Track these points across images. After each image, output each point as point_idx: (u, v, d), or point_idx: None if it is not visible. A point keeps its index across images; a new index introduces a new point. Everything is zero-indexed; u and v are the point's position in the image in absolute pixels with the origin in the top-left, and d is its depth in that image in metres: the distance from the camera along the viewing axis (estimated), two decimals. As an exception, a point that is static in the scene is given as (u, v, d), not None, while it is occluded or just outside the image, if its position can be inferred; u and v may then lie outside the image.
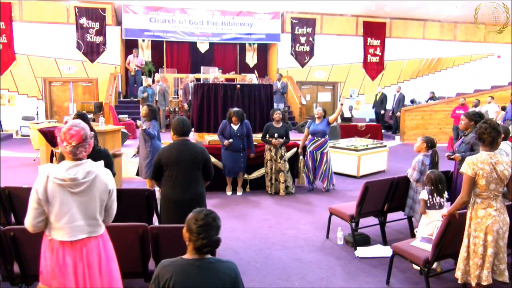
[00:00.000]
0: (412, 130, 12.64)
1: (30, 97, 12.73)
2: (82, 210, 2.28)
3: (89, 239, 2.32)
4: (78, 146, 2.27)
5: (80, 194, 2.25)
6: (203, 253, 1.99)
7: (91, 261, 2.30)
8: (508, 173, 2.94)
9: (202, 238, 1.94)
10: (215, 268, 1.98)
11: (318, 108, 6.82)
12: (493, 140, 2.93)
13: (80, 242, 2.29)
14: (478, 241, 2.96)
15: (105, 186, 2.34)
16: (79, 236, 2.28)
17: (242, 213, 5.72)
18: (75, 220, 2.26)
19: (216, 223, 2.00)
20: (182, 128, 3.62)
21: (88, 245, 2.30)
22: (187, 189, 3.57)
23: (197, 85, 7.87)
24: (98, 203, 2.32)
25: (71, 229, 2.26)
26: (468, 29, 15.58)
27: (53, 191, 2.23)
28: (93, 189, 2.29)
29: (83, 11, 12.77)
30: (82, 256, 2.28)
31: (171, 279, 1.92)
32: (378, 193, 4.48)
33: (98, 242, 2.35)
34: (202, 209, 2.03)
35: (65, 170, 2.24)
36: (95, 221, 2.33)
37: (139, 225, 3.01)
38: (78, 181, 2.23)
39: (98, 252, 2.34)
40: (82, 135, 2.27)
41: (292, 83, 13.48)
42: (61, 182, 2.22)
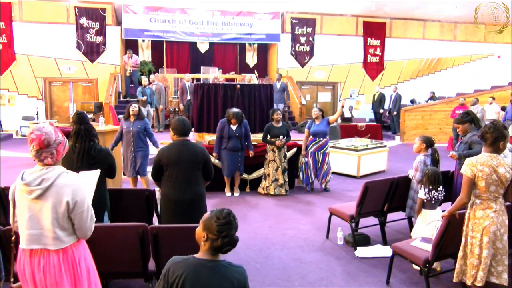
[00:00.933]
0: (412, 130, 12.64)
1: (30, 97, 12.72)
2: (37, 219, 2.15)
3: (48, 252, 2.16)
4: (41, 151, 2.15)
5: (34, 201, 2.14)
6: (221, 253, 1.98)
7: (46, 275, 2.15)
8: (509, 176, 2.91)
9: (223, 237, 1.92)
10: (227, 271, 1.97)
11: (314, 109, 6.81)
12: (494, 140, 2.90)
13: (38, 252, 2.16)
14: (474, 241, 2.97)
15: (60, 196, 2.13)
16: (33, 246, 2.16)
17: (242, 213, 5.72)
18: (31, 227, 2.15)
19: (236, 223, 2.00)
20: (183, 128, 3.62)
21: (46, 258, 2.16)
22: (187, 189, 3.57)
23: (197, 85, 7.87)
24: (53, 215, 2.13)
25: (27, 236, 2.17)
26: (468, 29, 15.58)
27: (17, 194, 2.20)
28: (48, 199, 2.13)
29: (83, 11, 12.76)
30: (39, 268, 2.16)
31: (181, 276, 1.89)
32: (378, 193, 4.48)
33: (58, 257, 2.17)
34: (222, 209, 2.01)
35: (28, 174, 2.17)
36: (51, 234, 2.14)
37: (139, 225, 3.01)
38: (30, 187, 2.12)
39: (58, 268, 2.16)
40: (43, 140, 2.14)
41: (292, 83, 13.47)
42: (19, 186, 2.17)
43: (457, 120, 4.43)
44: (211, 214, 1.99)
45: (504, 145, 2.94)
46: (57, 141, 2.20)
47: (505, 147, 2.98)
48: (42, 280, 2.16)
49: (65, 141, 2.29)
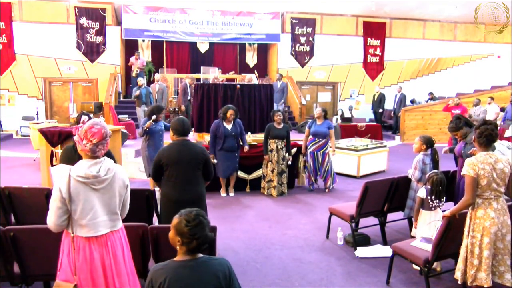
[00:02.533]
0: (412, 130, 12.64)
1: (30, 97, 12.73)
2: (104, 206, 2.35)
3: (112, 233, 2.40)
4: (98, 144, 2.34)
5: (102, 190, 2.33)
6: (198, 252, 1.99)
7: (116, 254, 2.39)
8: (508, 171, 2.96)
9: (197, 238, 1.93)
10: (208, 266, 1.98)
11: (318, 109, 6.80)
12: (487, 142, 2.98)
13: (105, 236, 2.37)
14: (475, 241, 2.97)
15: (123, 181, 2.45)
16: (103, 231, 2.35)
17: (242, 213, 5.72)
18: (98, 216, 2.33)
19: (206, 220, 2.01)
20: (182, 128, 3.62)
21: (111, 239, 2.39)
22: (187, 189, 3.57)
23: (197, 85, 7.88)
24: (118, 198, 2.42)
25: (95, 225, 2.32)
26: (468, 29, 15.58)
27: (76, 189, 2.28)
28: (114, 185, 2.38)
29: (83, 11, 12.77)
30: (108, 250, 2.36)
31: (164, 282, 1.91)
32: (378, 193, 4.48)
33: (120, 235, 2.46)
34: (190, 210, 2.01)
35: (87, 168, 2.31)
36: (115, 216, 2.43)
37: (139, 225, 3.01)
38: (100, 178, 2.31)
39: (121, 245, 2.45)
40: (103, 133, 2.35)
41: (292, 83, 13.47)
42: (84, 179, 2.28)
43: (452, 129, 4.44)
44: (180, 218, 1.99)
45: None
46: (110, 134, 2.45)
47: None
48: (111, 263, 2.36)
49: (111, 133, 2.50)
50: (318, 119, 6.72)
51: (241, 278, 3.73)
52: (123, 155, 7.39)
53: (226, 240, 4.66)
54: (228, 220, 5.38)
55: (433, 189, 3.87)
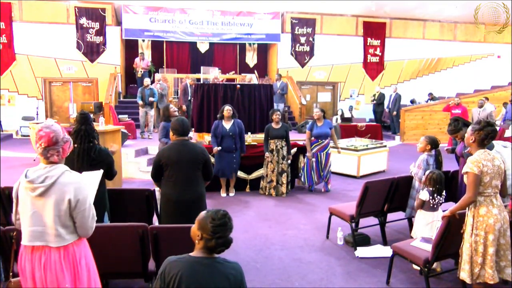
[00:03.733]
0: (412, 130, 12.64)
1: (30, 97, 12.72)
2: (40, 216, 2.18)
3: (49, 249, 2.18)
4: (48, 149, 2.19)
5: (37, 198, 2.17)
6: (215, 253, 1.99)
7: (47, 273, 2.18)
8: (503, 166, 3.02)
9: (217, 238, 1.94)
10: (222, 268, 1.98)
11: (316, 110, 6.79)
12: (481, 141, 3.02)
13: (40, 249, 2.19)
14: (478, 239, 2.98)
15: (62, 194, 2.16)
16: (35, 243, 2.19)
17: (242, 213, 5.73)
18: (33, 224, 2.19)
19: (231, 224, 2.01)
20: (181, 128, 3.62)
21: (46, 255, 2.18)
22: (187, 189, 3.57)
23: (197, 85, 7.88)
24: (55, 212, 2.16)
25: (30, 233, 2.20)
26: (468, 29, 15.58)
27: (20, 191, 2.24)
28: (51, 196, 2.16)
29: (83, 11, 12.77)
30: (40, 265, 2.18)
31: (177, 275, 1.92)
32: (378, 193, 4.48)
33: (59, 254, 2.19)
34: (218, 210, 2.03)
35: (32, 172, 2.21)
36: (53, 231, 2.17)
37: (139, 225, 3.01)
38: (33, 184, 2.16)
39: (59, 265, 2.19)
40: (52, 138, 2.18)
41: (292, 83, 13.47)
42: (23, 183, 2.21)
43: (452, 131, 4.42)
44: (207, 214, 2.00)
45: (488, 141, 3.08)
46: (64, 139, 2.24)
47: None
48: (42, 277, 2.18)
49: (71, 140, 2.33)
50: (318, 120, 6.71)
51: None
52: (123, 155, 7.39)
53: (226, 240, 4.65)
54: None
55: (434, 189, 3.88)
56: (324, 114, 6.79)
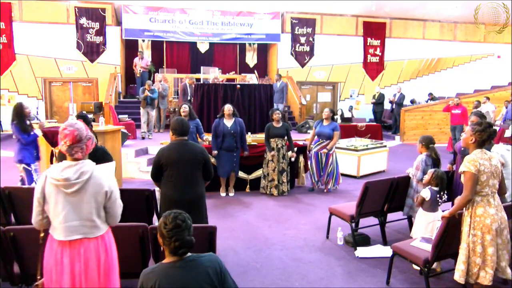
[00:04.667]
0: (412, 130, 12.64)
1: (30, 97, 12.72)
2: (76, 211, 2.27)
3: (88, 240, 2.30)
4: (72, 146, 2.27)
5: (73, 194, 2.25)
6: (179, 254, 1.99)
7: (88, 263, 2.30)
8: (500, 166, 3.04)
9: (174, 241, 1.95)
10: (197, 264, 1.99)
11: (326, 109, 6.73)
12: (483, 142, 3.03)
13: (78, 242, 2.29)
14: (476, 239, 2.98)
15: (100, 187, 2.30)
16: (73, 237, 2.28)
17: (242, 213, 5.72)
18: (68, 220, 2.26)
19: (186, 224, 2.00)
20: (181, 128, 3.61)
21: (85, 246, 2.30)
22: (187, 189, 3.57)
23: (197, 85, 7.89)
24: (93, 204, 2.29)
25: (65, 229, 2.27)
26: (468, 29, 15.58)
27: (49, 190, 2.27)
28: (87, 190, 2.27)
29: (83, 11, 12.77)
30: (80, 256, 2.28)
31: (155, 284, 1.92)
32: (378, 193, 4.48)
33: (97, 243, 2.33)
34: (170, 212, 2.04)
35: (61, 170, 2.26)
36: (90, 223, 2.30)
37: (139, 225, 3.01)
38: (70, 181, 2.23)
39: (96, 254, 2.32)
40: (76, 136, 2.27)
41: (292, 83, 13.47)
42: (55, 182, 2.25)
43: None
44: (161, 219, 2.03)
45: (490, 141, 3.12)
46: (87, 137, 2.34)
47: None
48: (82, 270, 2.28)
49: (93, 137, 2.42)
50: (325, 120, 6.68)
51: (241, 278, 3.73)
52: (123, 155, 7.39)
53: (226, 240, 4.66)
54: (228, 220, 5.38)
55: (440, 187, 3.89)
56: (333, 115, 6.74)
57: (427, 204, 3.93)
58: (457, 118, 10.44)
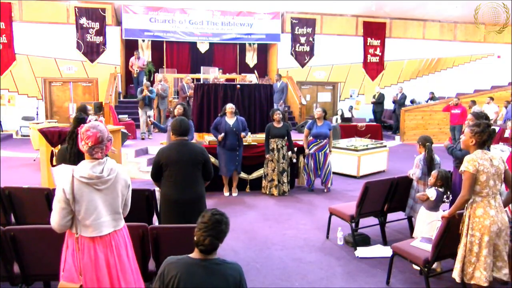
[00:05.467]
0: (412, 130, 12.64)
1: (30, 97, 12.73)
2: (108, 206, 2.38)
3: (115, 232, 2.43)
4: (93, 147, 2.35)
5: (105, 191, 2.36)
6: (204, 253, 2.00)
7: (120, 253, 2.43)
8: (502, 167, 3.01)
9: (200, 235, 1.98)
10: (221, 269, 2.00)
11: (318, 109, 6.80)
12: (483, 142, 3.01)
13: (109, 236, 2.39)
14: (473, 239, 2.98)
15: (125, 181, 2.48)
16: (106, 231, 2.38)
17: (242, 213, 5.73)
18: (101, 216, 2.35)
19: (217, 226, 2.02)
20: (180, 128, 3.61)
21: (115, 238, 2.42)
22: (187, 189, 3.56)
23: (197, 85, 7.88)
24: (121, 198, 2.45)
25: (99, 225, 2.35)
26: (468, 29, 15.58)
27: (80, 189, 2.29)
28: (117, 185, 2.41)
29: (83, 11, 12.77)
30: (112, 249, 2.39)
31: (176, 276, 1.94)
32: (378, 193, 4.48)
33: (123, 233, 2.50)
34: (213, 209, 2.10)
35: (90, 168, 2.32)
36: (118, 215, 2.46)
37: (139, 225, 3.01)
38: (103, 178, 2.33)
39: (124, 243, 2.48)
40: (98, 138, 2.36)
41: (292, 83, 13.47)
42: (87, 180, 2.29)
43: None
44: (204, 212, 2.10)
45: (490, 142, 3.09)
46: (108, 138, 2.44)
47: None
48: (116, 262, 2.39)
49: (112, 138, 2.51)
50: (318, 120, 6.71)
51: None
52: (123, 155, 7.39)
53: (226, 240, 4.62)
54: (228, 220, 5.38)
55: (444, 188, 3.90)
56: (325, 114, 6.79)
57: (431, 204, 3.93)
58: (456, 118, 10.46)
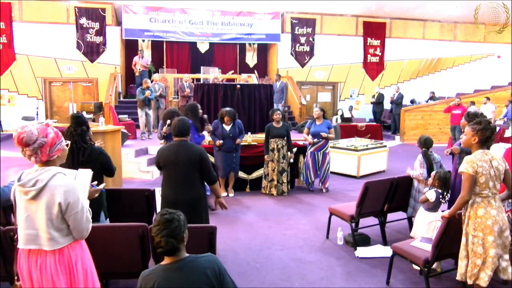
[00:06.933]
0: (412, 130, 12.64)
1: (30, 97, 12.73)
2: (32, 219, 2.15)
3: (44, 252, 2.16)
4: (23, 149, 2.15)
5: (29, 202, 2.14)
6: (161, 253, 2.00)
7: (42, 276, 2.16)
8: (502, 168, 2.99)
9: (156, 239, 1.98)
10: (196, 265, 1.98)
11: (316, 108, 6.81)
12: (485, 140, 2.99)
13: (35, 253, 2.17)
14: (477, 240, 2.97)
15: (52, 198, 2.10)
16: (30, 246, 2.17)
17: (242, 213, 5.72)
18: (27, 228, 2.16)
19: (169, 225, 1.99)
20: (180, 128, 3.58)
21: (42, 258, 2.17)
22: (185, 191, 3.52)
23: (197, 85, 7.89)
24: (46, 215, 2.12)
25: (24, 236, 2.18)
26: (468, 29, 15.58)
27: (16, 194, 2.22)
28: (42, 199, 2.12)
29: (83, 11, 12.77)
30: (36, 267, 2.17)
31: (154, 286, 1.93)
32: (378, 193, 4.47)
33: (54, 258, 2.16)
34: (164, 210, 2.08)
35: (25, 175, 2.17)
36: (46, 235, 2.14)
37: (139, 225, 3.01)
38: (25, 188, 2.12)
39: (54, 268, 2.17)
40: (21, 139, 2.12)
41: (292, 83, 13.48)
42: (16, 186, 2.18)
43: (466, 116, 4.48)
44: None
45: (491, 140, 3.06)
46: (39, 142, 2.13)
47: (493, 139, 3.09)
48: (39, 280, 2.17)
49: (56, 142, 2.22)
50: (317, 119, 6.72)
51: (241, 278, 3.73)
52: (123, 155, 7.39)
53: (226, 240, 4.66)
54: (228, 220, 5.38)
55: (442, 189, 3.89)
56: (324, 113, 6.79)
57: (429, 204, 3.93)
58: (457, 118, 10.45)
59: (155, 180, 7.50)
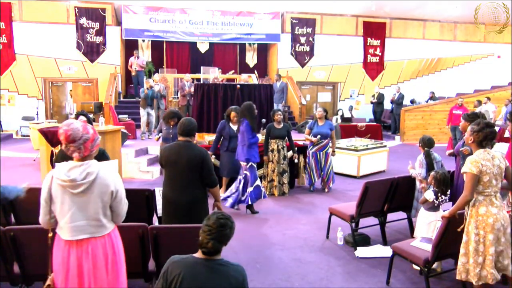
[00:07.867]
0: (412, 130, 12.65)
1: (30, 97, 12.73)
2: (83, 211, 2.28)
3: (95, 239, 2.32)
4: (67, 146, 2.28)
5: (79, 195, 2.26)
6: (202, 252, 2.01)
7: (96, 261, 2.32)
8: (503, 166, 3.02)
9: (204, 238, 2.00)
10: (224, 270, 2.00)
11: (319, 109, 6.80)
12: (483, 139, 3.00)
13: (86, 241, 2.30)
14: (478, 238, 2.97)
15: (106, 187, 2.30)
16: (80, 236, 2.29)
17: (242, 213, 5.72)
18: (75, 220, 2.28)
19: (222, 230, 2.01)
20: (184, 128, 3.53)
21: (93, 245, 2.32)
22: (184, 191, 3.48)
23: (197, 85, 7.88)
24: (100, 204, 2.30)
25: (72, 229, 2.28)
26: (468, 29, 15.58)
27: (55, 191, 2.28)
28: (93, 191, 2.27)
29: (83, 11, 12.77)
30: (88, 255, 2.30)
31: (179, 275, 1.95)
32: (378, 193, 4.48)
33: (104, 242, 2.36)
34: (219, 212, 2.11)
35: (67, 171, 2.26)
36: (97, 222, 2.32)
37: (139, 225, 3.01)
38: (76, 182, 2.24)
39: (104, 252, 2.35)
40: (69, 136, 2.26)
41: (292, 83, 13.47)
42: (61, 182, 2.25)
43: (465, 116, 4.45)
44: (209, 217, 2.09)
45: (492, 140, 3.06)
46: (84, 138, 2.29)
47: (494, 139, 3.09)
48: (90, 268, 2.31)
49: (95, 138, 2.37)
50: (319, 119, 6.71)
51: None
52: (123, 155, 7.39)
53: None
54: (228, 220, 5.37)
55: (438, 189, 3.89)
56: (326, 114, 6.80)
57: (429, 204, 3.94)
58: (458, 118, 10.45)
59: (155, 180, 7.50)
